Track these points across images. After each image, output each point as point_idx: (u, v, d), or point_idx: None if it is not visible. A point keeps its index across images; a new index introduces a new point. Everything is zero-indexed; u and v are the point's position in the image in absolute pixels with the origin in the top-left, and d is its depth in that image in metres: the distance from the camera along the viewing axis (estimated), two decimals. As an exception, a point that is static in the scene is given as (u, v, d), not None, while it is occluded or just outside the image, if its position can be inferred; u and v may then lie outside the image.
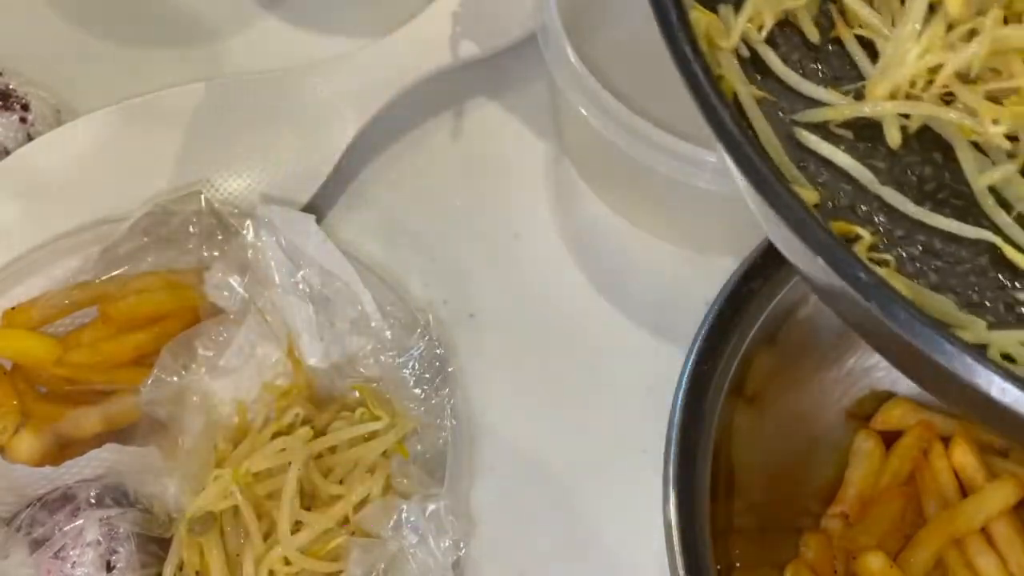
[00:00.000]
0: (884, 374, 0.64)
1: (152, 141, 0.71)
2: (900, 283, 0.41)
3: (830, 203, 0.44)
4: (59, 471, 0.59)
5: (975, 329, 0.40)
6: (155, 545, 0.59)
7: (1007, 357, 0.39)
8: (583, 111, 0.64)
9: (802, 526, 0.61)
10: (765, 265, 0.59)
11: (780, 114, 0.46)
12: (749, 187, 0.39)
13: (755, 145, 0.39)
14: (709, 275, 0.68)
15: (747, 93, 0.44)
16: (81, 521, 0.57)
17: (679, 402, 0.56)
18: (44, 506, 0.58)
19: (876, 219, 0.44)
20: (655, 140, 0.62)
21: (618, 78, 0.66)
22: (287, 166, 0.71)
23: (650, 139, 0.62)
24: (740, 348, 0.59)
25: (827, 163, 0.45)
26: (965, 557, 0.58)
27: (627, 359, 0.69)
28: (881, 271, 0.40)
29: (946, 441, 0.62)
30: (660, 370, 0.67)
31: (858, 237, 0.42)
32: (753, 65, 0.47)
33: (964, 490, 0.61)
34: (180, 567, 0.58)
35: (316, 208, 0.71)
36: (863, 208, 0.44)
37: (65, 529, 0.57)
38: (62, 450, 0.63)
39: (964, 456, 0.60)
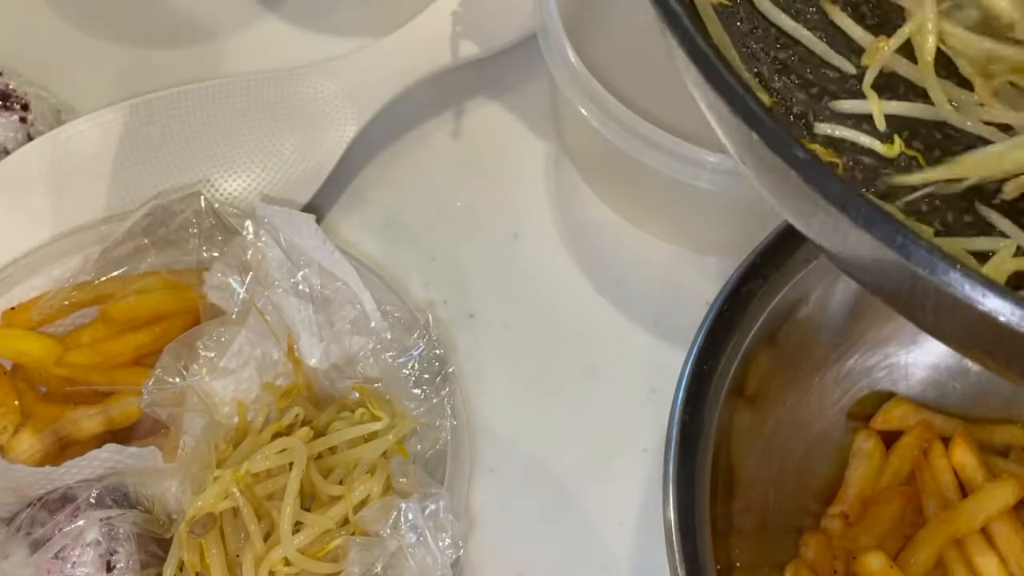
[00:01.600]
0: (884, 374, 0.64)
1: (152, 141, 0.71)
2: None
3: (782, 109, 0.44)
4: (59, 471, 0.59)
5: (921, 235, 0.40)
6: (155, 545, 0.59)
7: None
8: (583, 111, 0.64)
9: (802, 526, 0.61)
10: (765, 265, 0.59)
11: (739, 23, 0.46)
12: (702, 82, 0.38)
13: (708, 40, 0.39)
14: (709, 275, 0.68)
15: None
16: (81, 522, 0.57)
17: (679, 402, 0.56)
18: (44, 506, 0.58)
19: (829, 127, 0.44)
20: (655, 140, 0.62)
21: (618, 78, 0.66)
22: (287, 166, 0.71)
23: (650, 139, 0.62)
24: (740, 348, 0.58)
25: (782, 71, 0.45)
26: (965, 557, 0.58)
27: (627, 359, 0.69)
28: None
29: (946, 441, 0.62)
30: (660, 370, 0.67)
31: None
32: None
33: (964, 490, 0.61)
34: (180, 567, 0.58)
35: (316, 208, 0.71)
36: (816, 116, 0.45)
37: (65, 529, 0.57)
38: (62, 450, 0.63)
39: (964, 456, 0.60)
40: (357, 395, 0.64)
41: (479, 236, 0.73)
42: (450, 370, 0.65)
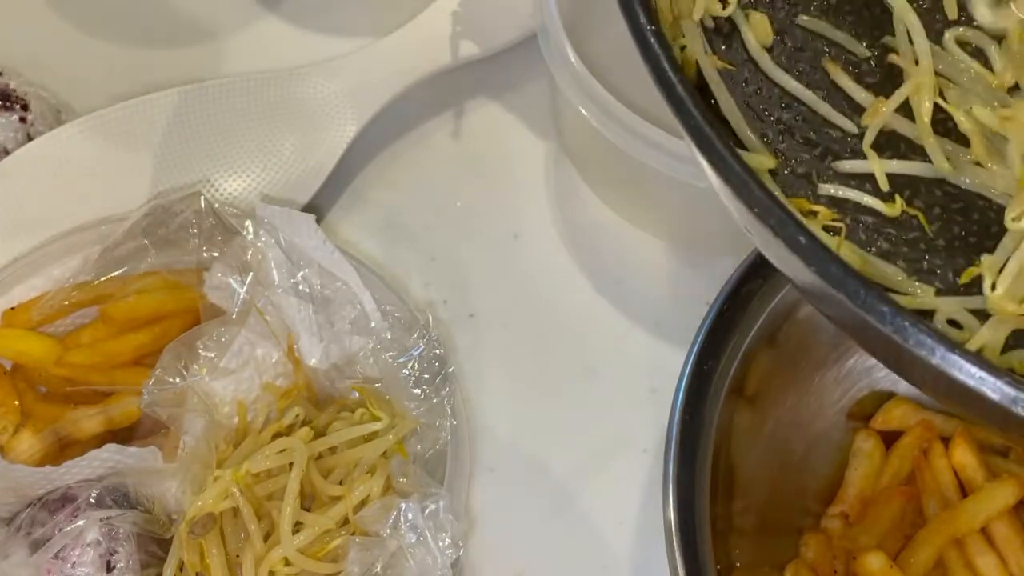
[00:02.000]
0: (884, 374, 0.64)
1: (152, 141, 0.71)
2: (848, 250, 0.42)
3: (787, 170, 0.45)
4: (59, 471, 0.59)
5: (922, 295, 0.41)
6: (155, 545, 0.59)
7: (953, 323, 0.40)
8: (583, 111, 0.64)
9: (802, 526, 0.61)
10: (765, 265, 0.59)
11: (744, 85, 0.46)
12: (696, 151, 0.40)
13: (700, 107, 0.40)
14: (709, 275, 0.68)
15: (709, 63, 0.45)
16: (81, 522, 0.57)
17: (679, 402, 0.56)
18: (44, 506, 0.58)
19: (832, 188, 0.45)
20: (655, 140, 0.62)
21: (618, 78, 0.66)
22: (287, 166, 0.71)
23: (650, 139, 0.62)
24: (740, 348, 0.59)
25: (786, 132, 0.46)
26: (965, 557, 0.58)
27: (627, 359, 0.69)
28: (832, 239, 0.42)
29: (946, 441, 0.62)
30: (660, 370, 0.67)
31: (813, 213, 0.43)
32: (723, 37, 0.48)
33: (964, 490, 0.61)
34: (180, 567, 0.58)
35: (316, 208, 0.71)
36: (819, 176, 0.45)
37: (65, 530, 0.57)
38: (62, 450, 0.63)
39: (964, 456, 0.60)
40: (357, 395, 0.64)
41: (479, 236, 0.73)
42: (450, 370, 0.65)
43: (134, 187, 0.69)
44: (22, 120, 0.70)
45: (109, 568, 0.57)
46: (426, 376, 0.64)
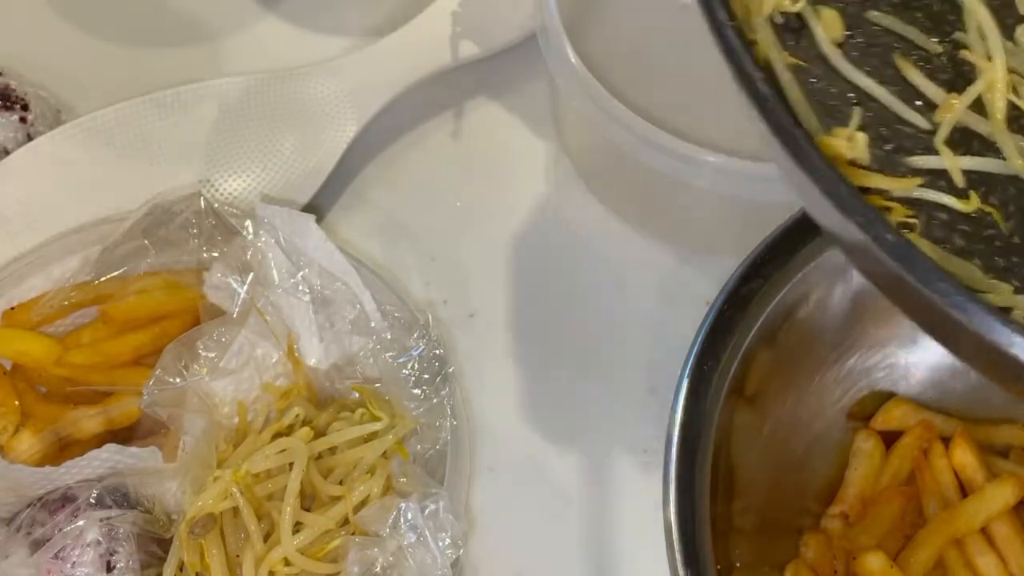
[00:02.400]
0: (884, 374, 0.64)
1: (152, 141, 0.71)
2: (926, 246, 0.41)
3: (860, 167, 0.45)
4: (59, 471, 0.59)
5: (1001, 293, 0.41)
6: (155, 545, 0.59)
7: None
8: (583, 111, 0.64)
9: (802, 526, 0.61)
10: (765, 265, 0.59)
11: (814, 81, 0.46)
12: (779, 146, 0.40)
13: (787, 106, 0.41)
14: (709, 275, 0.68)
15: (781, 59, 0.45)
16: (81, 522, 0.57)
17: (679, 402, 0.56)
18: (44, 506, 0.58)
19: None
20: (655, 140, 0.62)
21: (618, 78, 0.66)
22: (287, 166, 0.71)
23: (650, 139, 0.62)
24: (740, 348, 0.58)
25: (858, 128, 0.46)
26: (965, 557, 0.58)
27: (627, 359, 0.69)
28: (907, 235, 0.41)
29: (946, 441, 0.62)
30: (660, 370, 0.67)
31: (888, 209, 0.43)
32: (792, 32, 0.48)
33: (964, 490, 0.61)
34: (180, 568, 0.58)
35: (316, 208, 0.71)
36: (892, 171, 0.45)
37: (65, 529, 0.57)
38: (62, 450, 0.63)
39: (964, 456, 0.60)
40: (357, 395, 0.64)
41: (479, 236, 0.73)
42: (450, 370, 0.65)
43: (134, 187, 0.69)
44: (22, 120, 0.70)
45: (109, 568, 0.57)
46: (426, 376, 0.64)
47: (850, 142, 0.44)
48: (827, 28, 0.47)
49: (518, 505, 0.66)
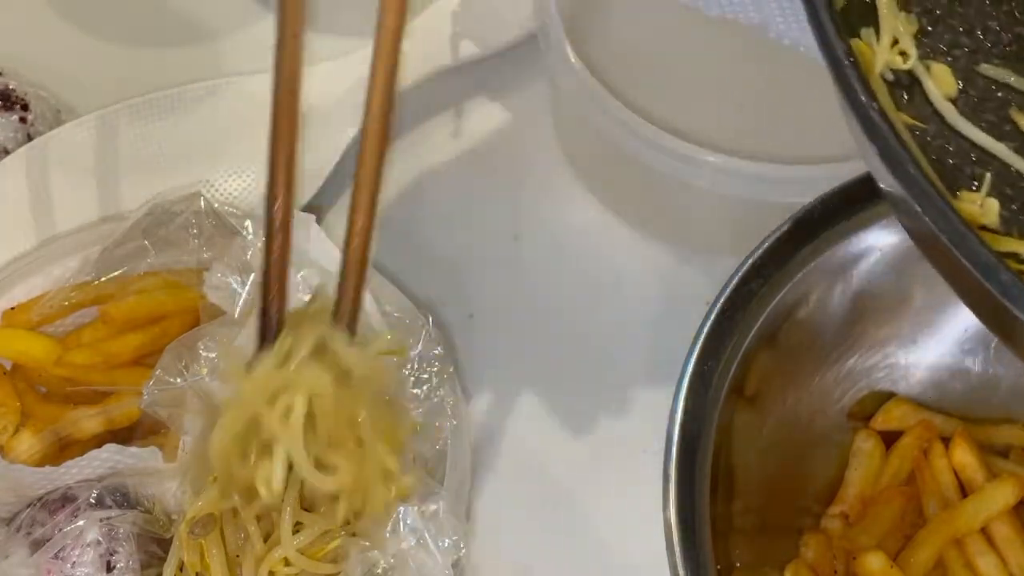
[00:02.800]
0: (884, 374, 0.64)
1: (152, 141, 0.71)
2: None
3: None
4: (59, 471, 0.59)
5: None
6: (155, 545, 0.59)
7: None
8: (583, 111, 0.64)
9: (802, 526, 0.61)
10: (765, 265, 0.59)
11: (931, 140, 0.45)
12: (914, 207, 0.39)
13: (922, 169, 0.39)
14: (709, 275, 0.68)
15: (899, 120, 0.43)
16: (81, 522, 0.57)
17: (679, 402, 0.56)
18: (44, 506, 0.58)
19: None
20: (655, 140, 0.62)
21: (618, 78, 0.66)
22: (287, 166, 0.71)
23: (650, 139, 0.62)
24: (740, 348, 0.58)
25: (979, 188, 0.45)
26: (965, 557, 0.58)
27: (627, 359, 0.69)
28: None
29: (946, 441, 0.62)
30: (660, 370, 0.67)
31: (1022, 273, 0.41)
32: (904, 89, 0.46)
33: (964, 490, 0.61)
34: (180, 568, 0.58)
35: (316, 208, 0.71)
36: (1020, 233, 0.44)
37: (65, 529, 0.57)
38: (62, 450, 0.63)
39: (964, 456, 0.60)
40: (357, 395, 0.64)
41: (479, 236, 0.73)
42: (450, 370, 0.65)
43: (134, 187, 0.69)
44: (22, 120, 0.70)
45: (109, 568, 0.57)
46: (426, 376, 0.64)
47: (982, 208, 0.42)
48: (940, 84, 0.46)
49: (518, 505, 0.66)
